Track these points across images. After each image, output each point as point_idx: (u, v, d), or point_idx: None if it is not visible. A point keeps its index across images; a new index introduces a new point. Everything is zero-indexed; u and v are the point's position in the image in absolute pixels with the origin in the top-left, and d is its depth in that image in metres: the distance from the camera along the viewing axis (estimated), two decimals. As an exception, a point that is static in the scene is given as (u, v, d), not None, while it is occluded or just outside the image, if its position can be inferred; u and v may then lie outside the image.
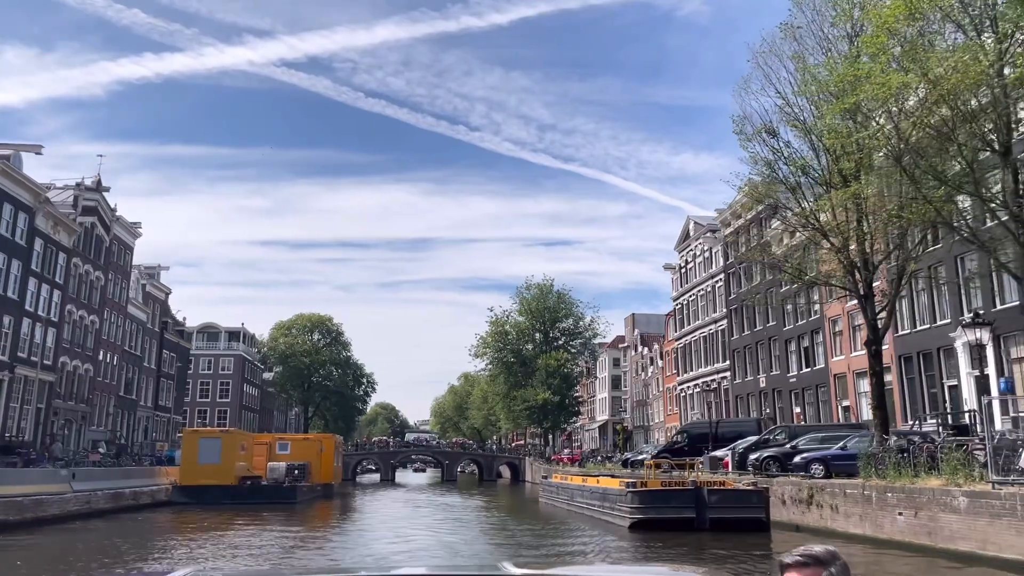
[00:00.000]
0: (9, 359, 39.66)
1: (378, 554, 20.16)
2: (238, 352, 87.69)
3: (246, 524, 27.22)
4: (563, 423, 76.67)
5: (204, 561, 18.38)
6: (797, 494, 23.45)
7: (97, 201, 48.97)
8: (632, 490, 22.54)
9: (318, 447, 45.46)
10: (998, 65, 17.13)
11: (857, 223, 21.78)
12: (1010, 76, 17.00)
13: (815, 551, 2.20)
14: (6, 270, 39.20)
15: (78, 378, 47.88)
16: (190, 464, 36.43)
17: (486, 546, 22.46)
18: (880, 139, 18.36)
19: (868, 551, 18.77)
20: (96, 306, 49.75)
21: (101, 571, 16.60)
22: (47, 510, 24.52)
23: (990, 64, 17.04)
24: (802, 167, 22.83)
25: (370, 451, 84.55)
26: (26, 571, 16.75)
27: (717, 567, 16.54)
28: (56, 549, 20.25)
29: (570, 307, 78.22)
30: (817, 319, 43.35)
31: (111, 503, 29.24)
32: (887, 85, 17.37)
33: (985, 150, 17.45)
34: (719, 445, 34.37)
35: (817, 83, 20.27)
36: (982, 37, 17.85)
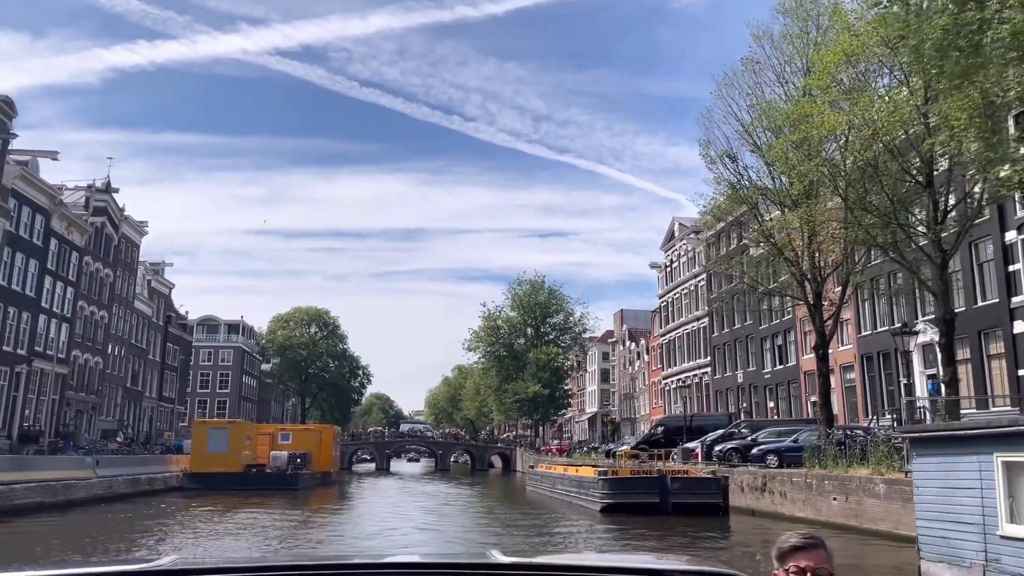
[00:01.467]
0: (27, 353, 42.10)
1: (374, 533, 22.72)
2: (237, 344, 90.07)
3: (253, 508, 29.70)
4: (552, 415, 79.37)
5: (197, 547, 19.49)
6: (753, 482, 26.11)
7: (107, 202, 51.30)
8: (603, 478, 25.23)
9: (318, 437, 48.10)
10: (924, 107, 19.61)
11: (808, 240, 24.32)
12: (933, 116, 19.52)
13: (815, 534, 2.45)
14: (24, 269, 41.57)
15: (89, 371, 50.32)
16: (200, 452, 39.02)
17: (473, 527, 25.11)
18: (820, 170, 20.88)
19: (808, 530, 21.41)
20: (105, 302, 52.13)
21: (80, 559, 18.44)
22: (76, 494, 27.09)
23: (916, 106, 19.54)
24: (761, 188, 25.37)
25: (366, 441, 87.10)
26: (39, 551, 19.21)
27: (701, 555, 18.98)
28: (87, 528, 22.72)
29: (561, 303, 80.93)
30: (789, 319, 45.92)
31: (130, 488, 31.82)
32: (824, 124, 19.91)
33: (910, 182, 19.97)
34: (692, 437, 36.95)
35: (769, 117, 22.79)
36: (911, 80, 20.36)
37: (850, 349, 39.83)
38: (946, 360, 20.33)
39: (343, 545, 20.72)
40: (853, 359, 39.70)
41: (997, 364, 30.21)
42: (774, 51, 25.30)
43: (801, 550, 2.35)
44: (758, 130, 24.05)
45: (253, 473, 39.72)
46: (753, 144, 24.99)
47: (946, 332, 20.32)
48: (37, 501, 24.24)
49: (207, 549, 19.19)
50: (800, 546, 2.37)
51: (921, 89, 19.91)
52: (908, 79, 20.36)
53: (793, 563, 2.34)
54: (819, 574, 2.34)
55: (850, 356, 39.94)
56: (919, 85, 20.10)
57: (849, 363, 40.25)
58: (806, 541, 2.40)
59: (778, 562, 2.40)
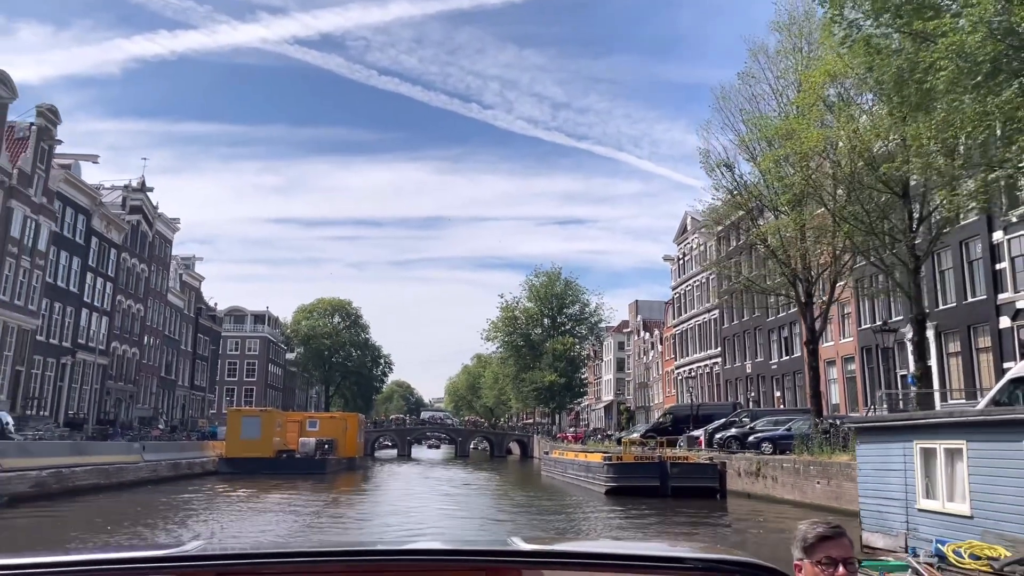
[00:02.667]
0: (71, 345, 44.84)
1: (398, 512, 24.98)
2: (263, 334, 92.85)
3: (285, 491, 32.09)
4: (569, 403, 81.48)
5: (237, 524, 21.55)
6: (749, 468, 28.10)
7: (142, 200, 53.93)
8: (608, 463, 27.38)
9: (343, 425, 50.62)
10: (900, 125, 21.38)
11: (800, 243, 26.17)
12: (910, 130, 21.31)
13: (837, 523, 2.41)
14: (68, 266, 44.25)
15: (126, 361, 53.10)
16: (234, 439, 41.60)
17: (489, 507, 27.35)
18: (803, 183, 22.69)
19: (795, 511, 23.41)
20: (141, 295, 54.85)
21: (108, 544, 18.78)
22: (126, 476, 29.62)
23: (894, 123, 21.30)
24: (756, 195, 27.22)
25: (388, 428, 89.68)
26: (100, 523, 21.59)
27: (716, 542, 20.81)
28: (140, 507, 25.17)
29: (577, 294, 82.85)
30: (795, 312, 47.65)
31: (172, 472, 34.41)
32: (808, 140, 21.77)
33: (887, 194, 21.76)
34: (698, 426, 38.94)
35: (761, 131, 24.61)
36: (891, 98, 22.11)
37: (851, 342, 41.55)
38: (918, 356, 22.10)
39: (370, 523, 22.95)
40: (854, 351, 41.42)
41: (985, 357, 31.87)
42: (769, 65, 27.08)
43: (829, 539, 2.31)
44: (752, 141, 25.86)
45: (283, 458, 42.25)
46: (749, 154, 26.83)
47: (918, 331, 22.10)
48: (94, 483, 26.78)
49: (243, 528, 21.36)
50: (828, 535, 2.32)
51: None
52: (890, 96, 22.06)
53: (823, 554, 2.29)
54: (850, 564, 2.30)
55: (851, 348, 41.67)
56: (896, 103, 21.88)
57: (850, 355, 41.97)
58: (833, 531, 2.36)
59: (804, 553, 2.33)
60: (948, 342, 34.09)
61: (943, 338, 33.86)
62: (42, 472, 23.55)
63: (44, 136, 40.35)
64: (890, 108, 17.84)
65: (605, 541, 8.24)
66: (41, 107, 40.32)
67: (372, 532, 20.79)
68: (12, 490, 21.82)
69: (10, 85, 37.03)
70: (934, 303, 33.86)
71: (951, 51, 13.27)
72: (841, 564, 2.28)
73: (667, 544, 5.99)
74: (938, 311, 33.23)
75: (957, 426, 10.71)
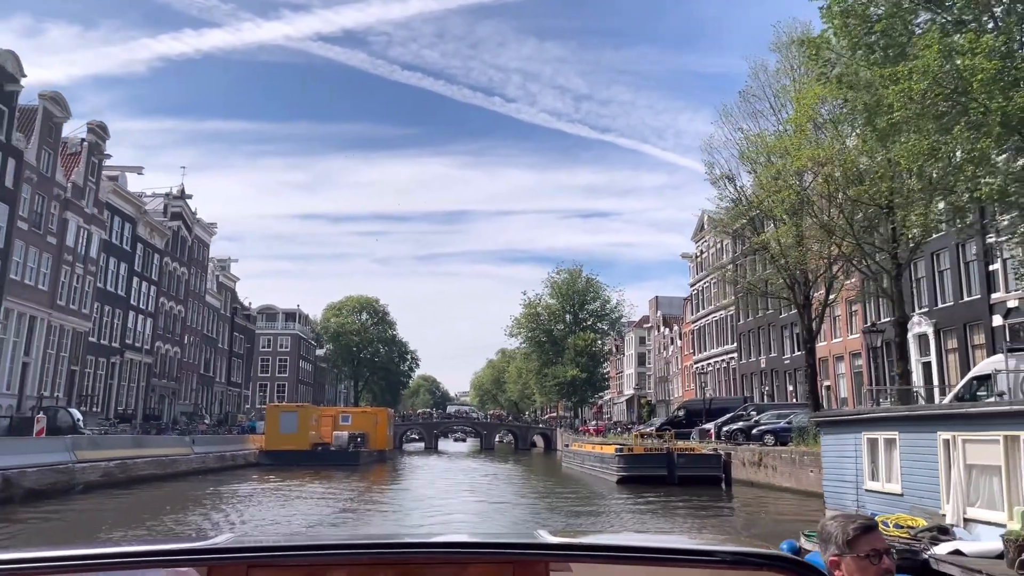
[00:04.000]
0: (120, 345, 47.90)
1: (427, 498, 27.41)
2: (294, 331, 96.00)
3: (322, 480, 34.65)
4: (590, 398, 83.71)
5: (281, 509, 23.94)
6: (752, 458, 30.23)
7: (182, 207, 56.93)
8: (619, 454, 29.68)
9: (374, 419, 53.36)
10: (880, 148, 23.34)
11: (796, 250, 28.20)
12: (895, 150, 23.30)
13: (867, 516, 2.54)
14: (116, 272, 47.29)
15: (169, 360, 56.18)
16: (273, 432, 44.42)
17: (511, 494, 29.76)
18: (794, 197, 24.75)
19: (791, 497, 25.57)
20: (181, 297, 57.91)
21: (140, 536, 18.66)
22: (179, 467, 32.43)
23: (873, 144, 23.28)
24: (757, 205, 29.28)
25: (415, 422, 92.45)
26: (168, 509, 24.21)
27: (716, 524, 22.36)
28: (198, 494, 27.86)
29: (598, 290, 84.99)
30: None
31: (218, 463, 37.25)
32: (799, 159, 23.82)
33: (872, 207, 23.74)
34: (710, 419, 41.04)
35: (758, 148, 26.66)
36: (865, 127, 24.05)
37: (858, 338, 43.33)
38: (899, 356, 24.05)
39: (402, 509, 25.40)
40: (861, 347, 43.27)
41: (980, 353, 33.60)
42: (769, 83, 29.07)
43: (871, 532, 2.31)
44: (752, 156, 27.89)
45: (319, 451, 44.98)
46: (750, 166, 28.87)
47: (899, 333, 24.04)
48: (152, 473, 29.56)
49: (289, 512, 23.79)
50: (870, 527, 2.32)
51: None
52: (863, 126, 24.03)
53: (869, 547, 2.28)
54: (891, 554, 2.29)
55: (858, 344, 43.46)
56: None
57: (857, 351, 43.76)
58: (871, 522, 2.35)
59: (847, 548, 2.30)
60: (947, 339, 35.85)
61: (942, 335, 35.63)
62: (109, 463, 26.34)
63: (94, 151, 43.29)
64: (864, 136, 19.86)
65: (631, 534, 7.92)
66: (92, 124, 43.27)
67: (405, 516, 23.19)
68: (86, 479, 24.60)
69: (64, 105, 39.94)
70: (934, 301, 35.63)
71: (902, 96, 15.37)
72: (884, 555, 2.28)
73: (694, 537, 6.09)
74: (937, 309, 35.07)
75: (892, 420, 12.83)
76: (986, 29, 16.33)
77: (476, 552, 2.28)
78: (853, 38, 17.91)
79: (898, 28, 17.21)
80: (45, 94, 38.35)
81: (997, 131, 14.61)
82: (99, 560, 2.15)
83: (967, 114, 15.34)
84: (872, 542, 2.30)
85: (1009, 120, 14.54)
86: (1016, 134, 15.27)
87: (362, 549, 2.27)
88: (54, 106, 38.94)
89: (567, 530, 12.40)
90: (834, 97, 22.65)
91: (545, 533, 2.43)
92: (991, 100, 14.51)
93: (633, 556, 2.31)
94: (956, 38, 15.81)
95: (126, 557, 2.19)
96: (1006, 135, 14.94)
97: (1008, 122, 14.59)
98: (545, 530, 2.52)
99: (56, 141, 39.61)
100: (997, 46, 14.93)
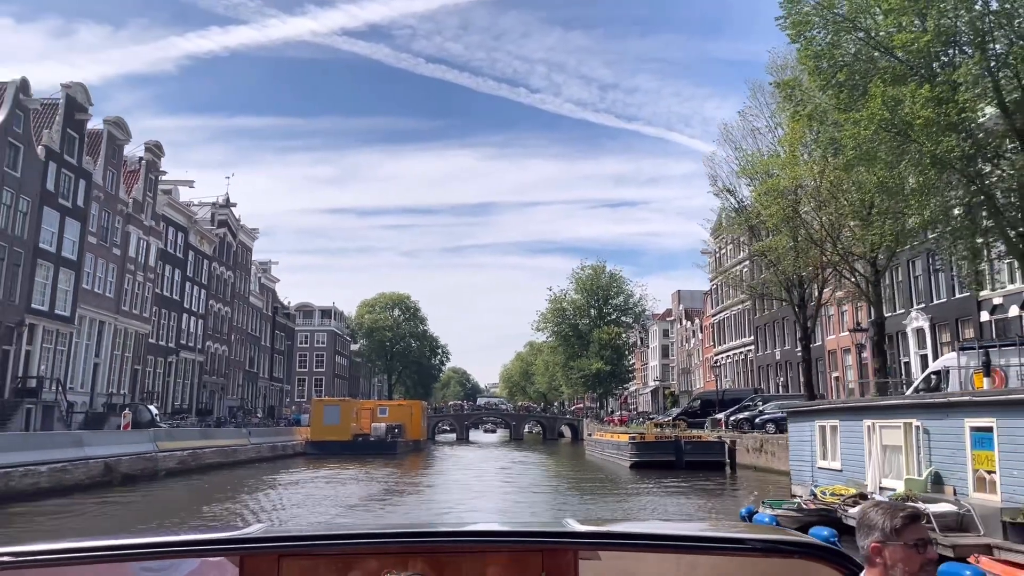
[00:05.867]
0: (175, 345, 51.98)
1: (462, 482, 30.79)
2: (330, 328, 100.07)
3: (365, 467, 38.18)
4: (614, 389, 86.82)
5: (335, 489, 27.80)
6: (755, 445, 33.26)
7: (227, 215, 60.95)
8: (632, 442, 32.93)
9: (410, 411, 57.19)
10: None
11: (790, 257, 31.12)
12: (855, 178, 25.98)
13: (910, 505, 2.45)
14: (171, 278, 51.33)
15: (218, 358, 60.29)
16: (318, 424, 48.31)
17: (538, 477, 33.13)
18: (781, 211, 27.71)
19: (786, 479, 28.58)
20: (228, 299, 61.99)
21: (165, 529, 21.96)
22: (238, 456, 36.29)
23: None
24: (755, 215, 32.22)
25: (447, 414, 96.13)
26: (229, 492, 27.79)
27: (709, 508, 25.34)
28: (259, 479, 31.54)
29: (621, 285, 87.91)
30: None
31: (271, 453, 41.15)
32: (783, 180, 26.78)
33: (854, 219, 26.60)
34: (723, 409, 44.02)
35: (752, 166, 29.64)
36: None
37: (864, 332, 46.05)
38: (876, 353, 26.91)
39: (439, 490, 28.81)
40: (866, 340, 45.95)
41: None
42: (767, 102, 31.93)
43: (917, 520, 2.29)
44: (748, 172, 30.85)
45: (360, 441, 48.76)
46: (748, 180, 31.83)
47: (876, 332, 26.89)
48: (217, 461, 33.41)
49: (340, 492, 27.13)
50: (916, 516, 2.31)
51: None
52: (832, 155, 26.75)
53: (915, 536, 2.25)
54: (931, 543, 2.30)
55: (863, 338, 46.16)
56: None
57: (861, 343, 46.48)
58: (917, 511, 2.33)
59: (895, 535, 2.26)
60: (941, 332, 38.49)
61: (937, 329, 38.35)
62: (183, 452, 30.16)
63: (151, 168, 47.26)
64: (834, 165, 22.82)
65: (659, 522, 8.15)
66: (148, 143, 47.20)
67: (443, 495, 26.58)
68: (166, 466, 28.44)
69: (125, 128, 43.86)
70: (929, 298, 38.29)
71: (852, 139, 18.38)
72: (928, 544, 2.26)
73: (724, 525, 6.02)
74: (932, 305, 37.78)
75: (834, 411, 15.88)
76: (934, 74, 19.22)
77: (505, 540, 2.29)
78: (823, 79, 20.87)
79: (859, 72, 20.15)
80: (109, 119, 42.29)
81: (931, 170, 17.57)
82: (135, 550, 2.20)
83: (910, 153, 18.32)
84: (918, 531, 2.28)
85: (940, 160, 17.50)
86: (950, 169, 18.22)
87: (391, 538, 2.29)
88: (117, 130, 42.86)
89: (594, 519, 15.04)
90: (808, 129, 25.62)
91: (573, 522, 2.43)
92: (929, 142, 17.47)
93: (662, 544, 2.30)
94: (900, 89, 18.76)
95: (162, 547, 2.24)
96: (939, 172, 17.88)
97: (939, 161, 17.54)
98: (573, 519, 2.53)
99: (119, 161, 43.56)
100: (933, 96, 17.85)
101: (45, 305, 36.45)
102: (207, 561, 2.37)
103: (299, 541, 2.35)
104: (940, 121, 17.73)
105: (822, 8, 20.23)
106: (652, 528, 2.87)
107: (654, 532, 2.53)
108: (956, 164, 17.88)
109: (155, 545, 2.24)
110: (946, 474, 11.82)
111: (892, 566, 2.23)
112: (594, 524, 2.49)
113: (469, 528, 2.41)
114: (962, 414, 11.16)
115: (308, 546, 2.29)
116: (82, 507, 20.07)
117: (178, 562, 2.39)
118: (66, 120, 37.71)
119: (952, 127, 17.85)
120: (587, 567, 2.32)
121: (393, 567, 2.15)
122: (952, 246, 20.39)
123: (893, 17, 18.04)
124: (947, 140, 17.14)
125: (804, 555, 2.17)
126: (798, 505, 14.49)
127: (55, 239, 37.17)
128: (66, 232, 38.04)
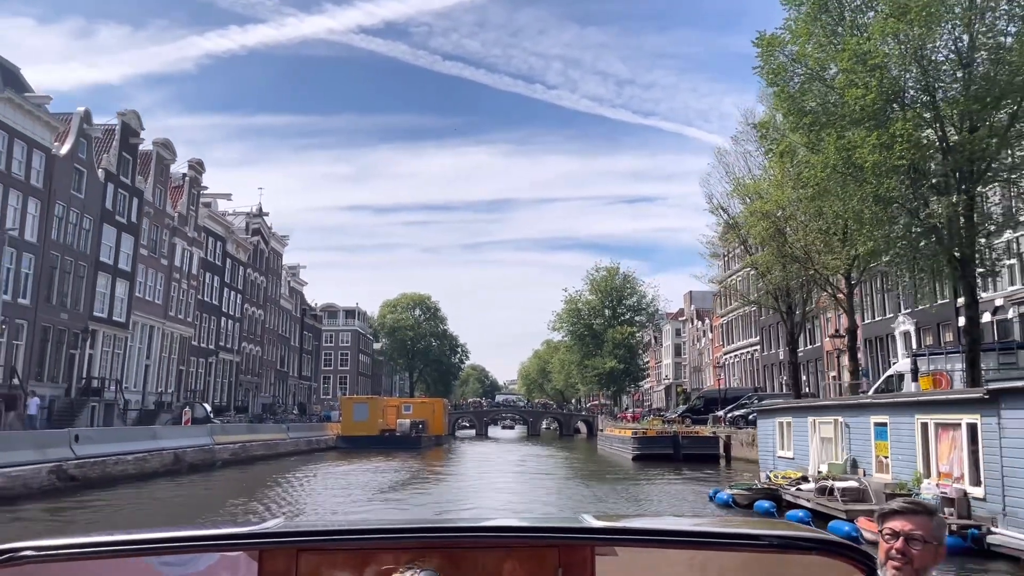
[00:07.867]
0: (214, 347, 55.96)
1: (481, 474, 34.27)
2: (354, 327, 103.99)
3: (391, 460, 41.64)
4: (628, 387, 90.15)
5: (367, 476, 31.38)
6: (748, 439, 36.52)
7: (260, 223, 64.91)
8: (635, 436, 36.37)
9: (432, 408, 60.98)
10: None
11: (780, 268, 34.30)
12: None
13: (925, 503, 2.48)
14: (211, 285, 55.30)
15: (252, 358, 64.30)
16: (348, 420, 52.15)
17: (550, 467, 36.63)
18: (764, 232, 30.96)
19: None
20: (261, 302, 65.97)
21: (184, 524, 23.24)
22: (279, 449, 40.11)
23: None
24: (746, 231, 35.45)
25: (466, 410, 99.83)
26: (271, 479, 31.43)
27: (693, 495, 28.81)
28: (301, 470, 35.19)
29: (634, 286, 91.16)
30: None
31: (307, 446, 44.99)
32: (770, 201, 30.02)
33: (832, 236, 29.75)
34: (725, 407, 47.26)
35: (741, 189, 32.94)
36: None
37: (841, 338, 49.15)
38: (851, 357, 30.09)
39: (464, 479, 32.26)
40: (860, 342, 49.03)
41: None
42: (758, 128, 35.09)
43: (899, 514, 2.36)
44: (739, 193, 34.11)
45: (386, 436, 52.51)
46: (740, 199, 35.05)
47: (850, 339, 30.07)
48: (262, 453, 37.23)
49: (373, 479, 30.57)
50: (899, 511, 2.37)
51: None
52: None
53: (887, 527, 2.34)
54: (913, 538, 2.31)
55: (857, 339, 49.26)
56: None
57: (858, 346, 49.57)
58: (905, 506, 2.41)
59: (879, 521, 2.40)
60: (925, 336, 41.57)
61: (921, 332, 41.45)
62: (235, 445, 33.98)
63: (194, 184, 51.21)
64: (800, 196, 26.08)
65: (675, 518, 8.31)
66: (191, 161, 51.15)
67: (465, 484, 30.04)
68: (222, 457, 32.25)
69: (171, 148, 47.78)
70: (914, 304, 41.38)
71: (811, 178, 21.67)
72: (902, 537, 2.30)
73: (740, 521, 6.16)
74: (917, 311, 40.84)
75: (789, 410, 19.21)
76: (887, 119, 22.38)
77: (522, 536, 2.31)
78: (793, 121, 24.10)
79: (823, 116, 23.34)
80: (158, 141, 46.21)
81: (875, 206, 20.82)
82: (155, 544, 2.25)
83: (859, 191, 21.58)
84: (893, 522, 2.34)
85: (882, 198, 20.72)
86: (894, 204, 21.45)
87: (409, 533, 2.29)
88: (164, 150, 46.79)
89: (610, 514, 13.37)
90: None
91: (590, 517, 2.45)
92: (876, 182, 20.69)
93: (678, 540, 2.32)
94: (856, 132, 21.91)
95: (181, 542, 2.26)
96: (884, 208, 21.12)
97: (881, 199, 20.77)
98: (589, 514, 2.55)
99: (166, 179, 47.51)
100: (880, 142, 21.05)
101: (105, 312, 40.43)
102: (226, 555, 2.38)
103: (317, 535, 2.40)
104: (886, 163, 20.94)
105: (793, 61, 23.50)
106: (668, 524, 2.93)
107: (670, 528, 2.57)
108: (898, 201, 21.09)
109: (174, 539, 2.27)
110: (859, 459, 15.14)
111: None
112: (611, 520, 2.53)
113: (486, 524, 2.43)
114: (869, 413, 14.42)
115: (326, 540, 2.33)
116: (164, 490, 23.86)
117: (197, 556, 2.40)
118: (121, 144, 41.62)
119: (895, 169, 21.05)
120: (604, 563, 2.33)
121: (410, 561, 2.19)
122: (898, 269, 23.58)
123: (845, 75, 21.25)
124: (888, 181, 20.34)
125: (822, 551, 2.18)
126: (750, 486, 17.89)
127: (112, 253, 41.11)
128: (122, 246, 41.99)
